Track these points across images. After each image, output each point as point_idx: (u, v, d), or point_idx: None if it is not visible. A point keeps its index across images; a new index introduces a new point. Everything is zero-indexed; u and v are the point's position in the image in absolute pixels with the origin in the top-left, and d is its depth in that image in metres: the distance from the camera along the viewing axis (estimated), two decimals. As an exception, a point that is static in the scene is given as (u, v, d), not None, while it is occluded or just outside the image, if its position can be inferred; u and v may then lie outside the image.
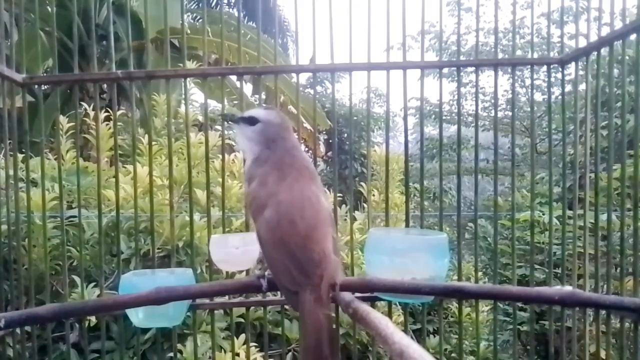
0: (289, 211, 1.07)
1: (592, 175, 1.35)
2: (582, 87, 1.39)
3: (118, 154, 1.50)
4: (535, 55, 1.72)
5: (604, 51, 1.29)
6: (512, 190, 1.50)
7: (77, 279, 1.73)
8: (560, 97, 1.51)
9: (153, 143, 1.65)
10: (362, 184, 2.84)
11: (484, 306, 2.63)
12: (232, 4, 9.84)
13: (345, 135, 8.08)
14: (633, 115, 1.17)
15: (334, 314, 1.03)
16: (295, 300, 1.05)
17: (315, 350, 0.97)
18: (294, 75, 1.64)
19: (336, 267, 1.08)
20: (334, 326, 1.06)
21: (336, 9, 1.44)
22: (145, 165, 2.32)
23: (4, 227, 1.44)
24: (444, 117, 1.76)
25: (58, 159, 1.61)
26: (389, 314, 1.47)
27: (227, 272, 1.48)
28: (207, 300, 1.44)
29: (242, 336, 1.84)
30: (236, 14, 2.05)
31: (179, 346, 1.81)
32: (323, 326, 0.99)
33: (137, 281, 1.29)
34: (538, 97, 7.16)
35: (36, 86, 1.65)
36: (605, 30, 1.25)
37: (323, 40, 1.48)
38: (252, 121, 1.18)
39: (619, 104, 1.43)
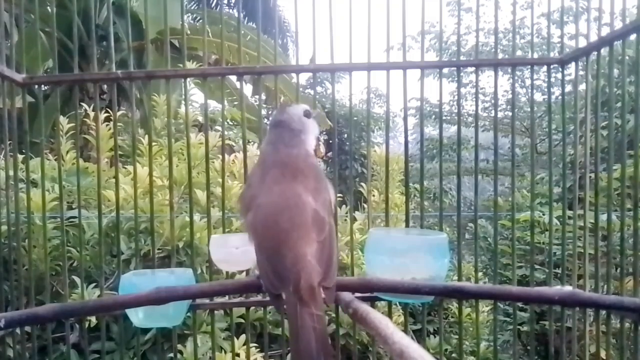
0: (265, 217, 1.07)
1: (592, 175, 1.34)
2: (582, 87, 1.38)
3: (118, 154, 1.50)
4: (535, 56, 1.71)
5: (604, 51, 1.29)
6: (512, 190, 1.50)
7: (77, 279, 1.73)
8: (560, 97, 1.51)
9: (153, 143, 1.65)
10: (362, 184, 2.84)
11: (484, 306, 2.63)
12: (232, 4, 9.85)
13: (346, 135, 8.08)
14: (633, 115, 1.17)
15: (322, 313, 1.00)
16: (277, 303, 1.06)
17: (304, 351, 0.94)
18: (294, 75, 1.64)
19: (318, 270, 1.01)
20: (329, 325, 1.04)
21: (336, 9, 1.44)
22: (145, 166, 2.32)
23: (4, 227, 1.44)
24: (444, 118, 1.76)
25: (58, 160, 1.61)
26: (389, 314, 1.46)
27: (227, 272, 1.48)
28: (207, 300, 1.44)
29: (243, 337, 1.84)
30: (236, 15, 2.05)
31: (179, 347, 1.81)
32: (307, 326, 0.95)
33: (137, 281, 1.28)
34: (538, 97, 7.19)
35: (36, 86, 1.65)
36: (605, 30, 1.25)
37: (323, 41, 1.48)
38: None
39: (619, 104, 1.43)
